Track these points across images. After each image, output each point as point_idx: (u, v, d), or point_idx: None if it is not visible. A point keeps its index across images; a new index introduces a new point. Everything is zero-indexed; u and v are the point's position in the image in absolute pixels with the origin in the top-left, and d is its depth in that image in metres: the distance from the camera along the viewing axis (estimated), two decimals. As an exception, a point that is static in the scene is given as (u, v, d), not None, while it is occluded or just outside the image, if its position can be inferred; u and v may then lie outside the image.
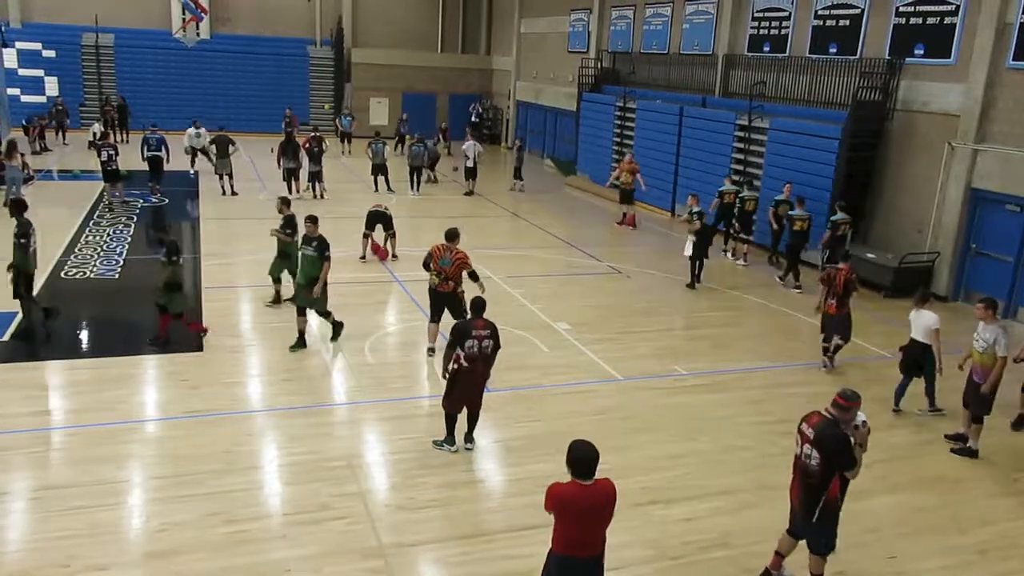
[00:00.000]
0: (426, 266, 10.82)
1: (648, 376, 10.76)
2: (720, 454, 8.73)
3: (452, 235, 10.84)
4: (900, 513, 7.73)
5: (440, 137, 30.84)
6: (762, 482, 8.15)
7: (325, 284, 10.79)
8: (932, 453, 9.11)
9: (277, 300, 12.71)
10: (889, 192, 16.32)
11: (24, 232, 10.81)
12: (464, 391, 8.27)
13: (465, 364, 8.06)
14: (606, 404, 9.85)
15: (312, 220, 10.89)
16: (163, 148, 21.03)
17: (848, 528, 7.31)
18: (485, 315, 8.31)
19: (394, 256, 15.92)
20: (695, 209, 15.25)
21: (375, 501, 7.43)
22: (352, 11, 36.25)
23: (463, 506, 7.44)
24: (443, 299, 10.81)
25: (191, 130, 24.25)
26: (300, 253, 10.92)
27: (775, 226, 16.16)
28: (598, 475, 5.18)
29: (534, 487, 7.75)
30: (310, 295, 10.81)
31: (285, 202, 12.99)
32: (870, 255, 15.21)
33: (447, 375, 8.26)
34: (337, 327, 11.28)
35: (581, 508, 5.14)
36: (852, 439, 6.05)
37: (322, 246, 10.74)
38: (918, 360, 9.79)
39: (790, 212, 15.41)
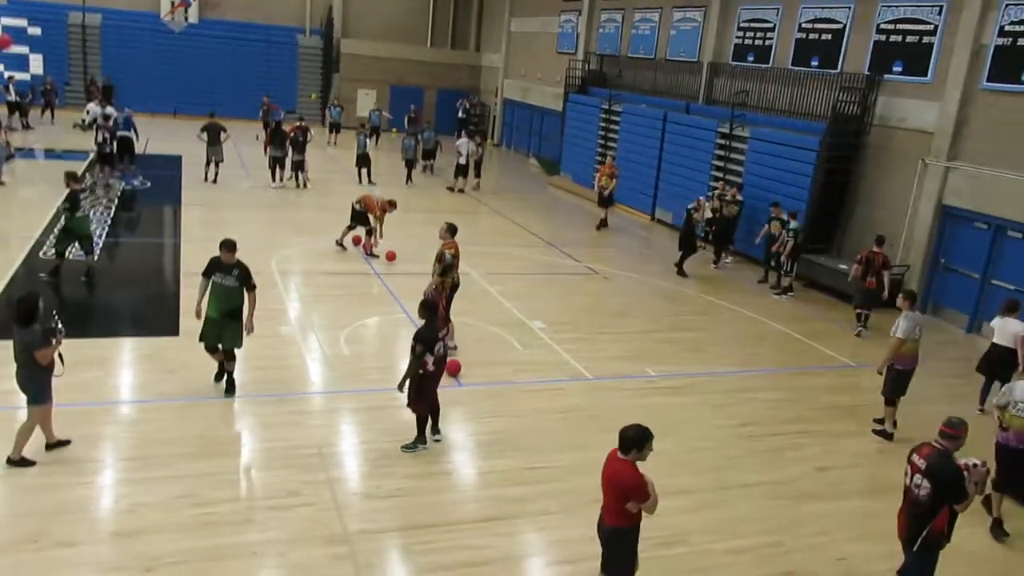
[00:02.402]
0: (450, 269, 10.88)
1: (618, 377, 10.97)
2: (683, 455, 8.94)
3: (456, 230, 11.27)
4: (852, 518, 7.98)
5: (408, 126, 29.52)
6: (722, 483, 8.38)
7: (249, 321, 9.17)
8: (889, 462, 9.33)
9: (55, 273, 12.59)
10: (863, 205, 16.64)
11: None
12: (432, 391, 8.40)
13: (432, 368, 8.20)
14: (575, 403, 10.04)
15: (228, 247, 8.96)
16: (131, 128, 21.09)
17: (799, 531, 7.62)
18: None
19: (339, 243, 15.99)
20: (690, 206, 16.93)
21: (343, 489, 7.58)
22: (343, 1, 36.24)
23: (429, 496, 7.60)
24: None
25: (93, 105, 24.32)
26: (213, 283, 8.93)
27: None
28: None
29: (499, 480, 7.97)
30: (225, 330, 9.03)
31: (72, 177, 12.90)
32: (842, 266, 15.50)
33: (407, 382, 8.22)
34: (231, 381, 9.33)
35: (602, 473, 5.80)
36: (967, 475, 6.10)
37: (244, 274, 8.98)
38: (1004, 363, 10.32)
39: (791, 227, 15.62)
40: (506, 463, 8.29)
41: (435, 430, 8.64)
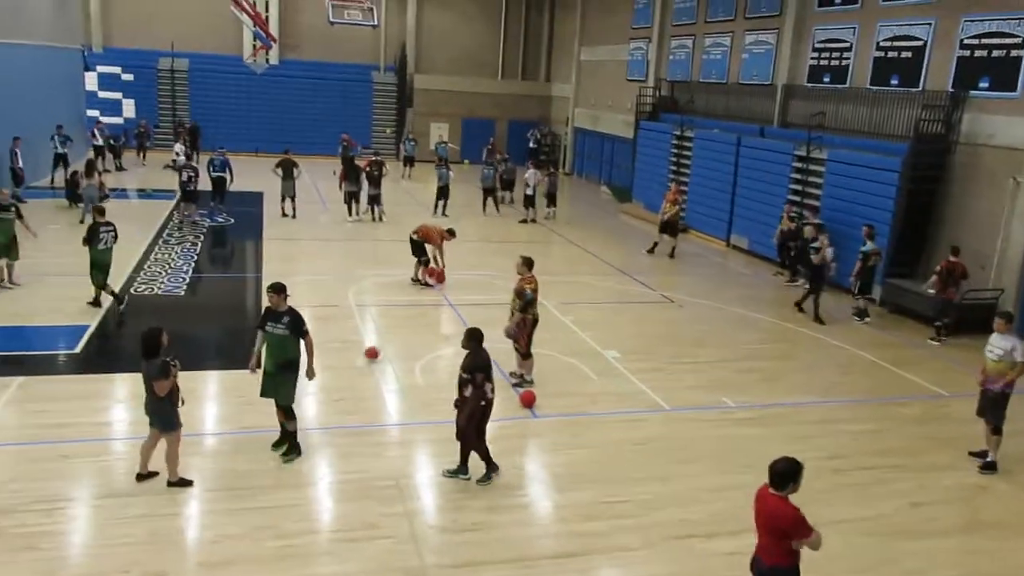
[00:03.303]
0: (531, 304, 10.71)
1: (696, 407, 10.74)
2: (766, 489, 8.64)
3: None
4: (951, 557, 7.58)
5: (486, 157, 30.25)
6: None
7: (310, 368, 8.71)
8: (989, 496, 8.88)
9: (96, 303, 13.18)
10: (951, 227, 15.98)
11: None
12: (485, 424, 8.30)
13: (491, 396, 8.14)
14: (651, 433, 9.87)
15: (275, 290, 8.49)
16: (227, 169, 21.81)
17: (893, 570, 7.26)
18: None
19: (414, 279, 15.91)
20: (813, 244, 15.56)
21: (420, 522, 7.60)
22: (416, 38, 37.13)
23: (506, 530, 7.54)
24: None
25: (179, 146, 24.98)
26: (266, 332, 8.46)
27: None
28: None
29: (576, 514, 7.85)
30: (279, 385, 8.49)
31: (98, 211, 13.47)
32: (931, 291, 14.88)
33: (470, 409, 8.16)
34: (293, 442, 8.67)
35: (755, 509, 5.68)
36: None
37: (296, 322, 8.38)
38: None
39: (862, 248, 15.23)
40: (583, 496, 8.18)
41: (463, 469, 8.37)
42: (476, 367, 8.05)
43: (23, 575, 6.41)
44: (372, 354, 11.68)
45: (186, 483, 7.88)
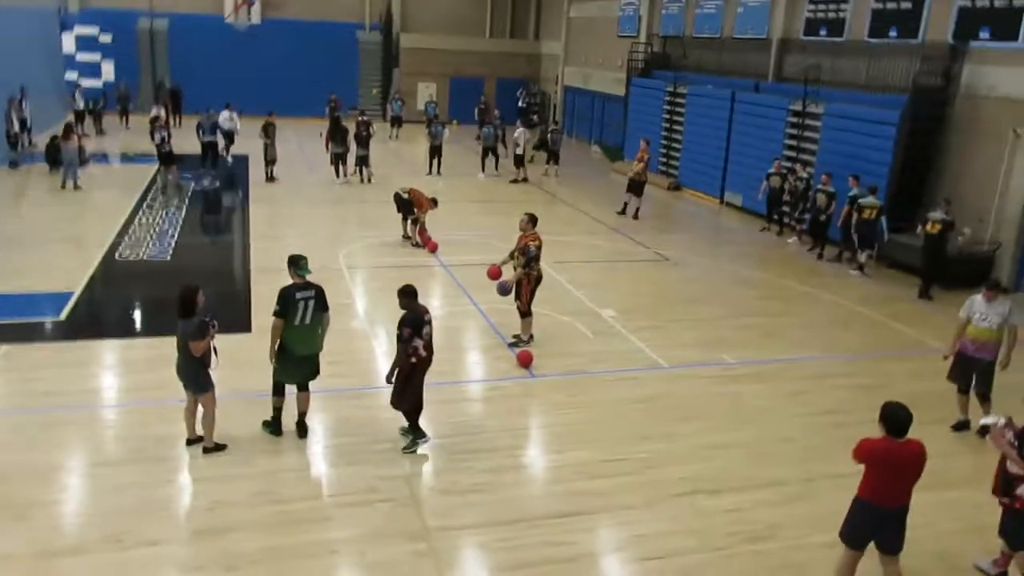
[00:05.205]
0: (534, 262, 10.51)
1: (695, 364, 10.63)
2: (766, 445, 8.58)
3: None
4: (954, 509, 7.52)
5: (479, 117, 30.29)
6: (809, 474, 8.00)
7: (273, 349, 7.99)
8: (992, 451, 8.80)
9: None
10: (950, 180, 15.81)
11: None
12: (421, 383, 8.03)
13: (423, 353, 7.87)
14: (651, 392, 9.76)
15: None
16: (216, 132, 21.37)
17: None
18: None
19: (406, 237, 15.84)
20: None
21: (420, 484, 7.48)
22: (401, -5, 36.40)
23: (507, 491, 7.42)
24: None
25: (225, 113, 23.73)
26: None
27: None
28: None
29: (577, 474, 7.76)
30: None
31: None
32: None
33: (395, 373, 7.92)
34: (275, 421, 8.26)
35: (889, 463, 5.65)
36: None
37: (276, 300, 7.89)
38: None
39: (860, 200, 15.04)
40: (584, 455, 8.08)
41: (416, 430, 8.14)
42: (403, 321, 7.77)
43: (15, 546, 6.25)
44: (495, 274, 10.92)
45: (221, 448, 7.76)
